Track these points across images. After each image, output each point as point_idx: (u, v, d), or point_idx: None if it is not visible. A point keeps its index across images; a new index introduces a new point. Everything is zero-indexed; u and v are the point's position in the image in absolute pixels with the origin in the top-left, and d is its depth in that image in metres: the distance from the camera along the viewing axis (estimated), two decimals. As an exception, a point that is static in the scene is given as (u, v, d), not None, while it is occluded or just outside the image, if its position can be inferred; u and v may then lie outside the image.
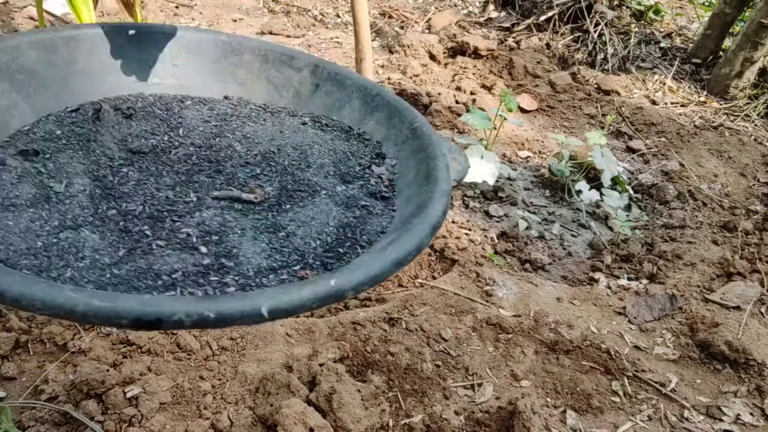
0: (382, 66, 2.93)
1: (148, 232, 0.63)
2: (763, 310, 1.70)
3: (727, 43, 3.21)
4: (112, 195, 0.67)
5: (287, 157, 0.76)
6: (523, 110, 2.76)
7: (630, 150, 2.63)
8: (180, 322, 0.49)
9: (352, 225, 0.68)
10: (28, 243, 0.58)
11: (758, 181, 2.48)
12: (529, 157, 2.51)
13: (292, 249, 0.63)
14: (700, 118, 2.86)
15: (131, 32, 0.83)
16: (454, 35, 3.14)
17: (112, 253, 0.59)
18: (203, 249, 0.62)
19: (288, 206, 0.69)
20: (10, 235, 0.58)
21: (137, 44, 0.83)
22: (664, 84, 3.08)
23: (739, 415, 1.40)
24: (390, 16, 3.46)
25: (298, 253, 0.63)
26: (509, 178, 2.30)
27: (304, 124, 0.85)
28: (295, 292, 0.52)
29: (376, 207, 0.72)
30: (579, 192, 2.24)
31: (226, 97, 0.91)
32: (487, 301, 1.65)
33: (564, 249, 2.03)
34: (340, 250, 0.65)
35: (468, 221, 2.03)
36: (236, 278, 0.59)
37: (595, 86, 2.98)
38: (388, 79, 2.74)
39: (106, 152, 0.73)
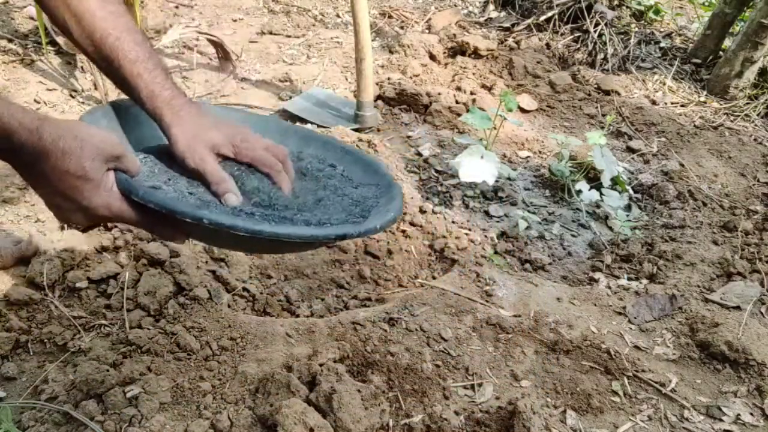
0: (382, 66, 2.93)
1: (302, 203, 0.99)
2: (763, 310, 1.71)
3: (727, 43, 3.21)
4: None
5: (309, 163, 1.15)
6: (523, 110, 2.76)
7: (630, 150, 2.62)
8: (352, 236, 0.92)
9: (356, 197, 1.07)
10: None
11: (758, 181, 2.48)
12: (529, 157, 2.51)
13: (344, 210, 1.02)
14: (700, 118, 2.86)
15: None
16: (454, 35, 3.14)
17: (298, 206, 0.98)
18: (321, 209, 1.00)
19: (327, 193, 1.06)
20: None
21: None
22: (664, 84, 3.08)
23: (739, 415, 1.40)
24: (390, 16, 3.46)
25: (347, 212, 1.01)
26: (509, 178, 2.30)
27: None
28: (380, 218, 0.96)
29: (354, 189, 1.10)
30: (579, 192, 2.24)
31: None
32: (487, 301, 1.65)
33: (564, 249, 2.04)
34: (363, 208, 1.03)
35: (468, 221, 2.03)
36: (343, 221, 0.97)
37: (595, 86, 2.98)
38: (388, 79, 2.74)
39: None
